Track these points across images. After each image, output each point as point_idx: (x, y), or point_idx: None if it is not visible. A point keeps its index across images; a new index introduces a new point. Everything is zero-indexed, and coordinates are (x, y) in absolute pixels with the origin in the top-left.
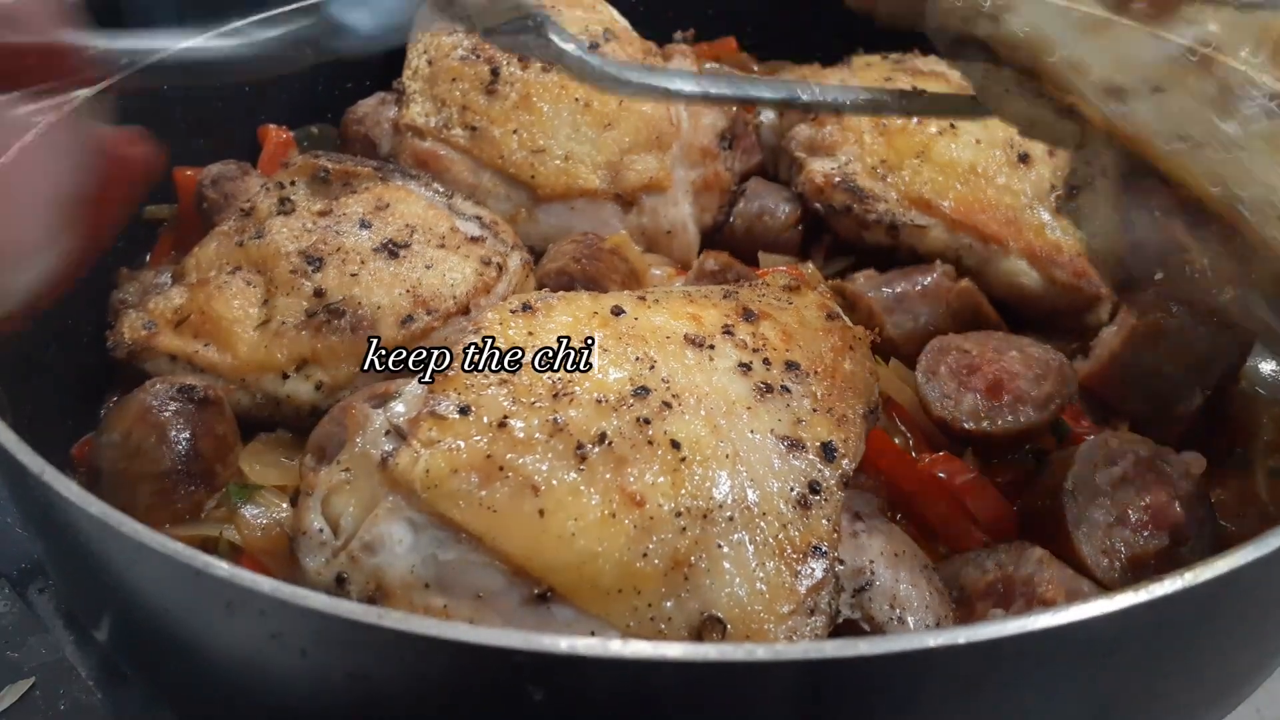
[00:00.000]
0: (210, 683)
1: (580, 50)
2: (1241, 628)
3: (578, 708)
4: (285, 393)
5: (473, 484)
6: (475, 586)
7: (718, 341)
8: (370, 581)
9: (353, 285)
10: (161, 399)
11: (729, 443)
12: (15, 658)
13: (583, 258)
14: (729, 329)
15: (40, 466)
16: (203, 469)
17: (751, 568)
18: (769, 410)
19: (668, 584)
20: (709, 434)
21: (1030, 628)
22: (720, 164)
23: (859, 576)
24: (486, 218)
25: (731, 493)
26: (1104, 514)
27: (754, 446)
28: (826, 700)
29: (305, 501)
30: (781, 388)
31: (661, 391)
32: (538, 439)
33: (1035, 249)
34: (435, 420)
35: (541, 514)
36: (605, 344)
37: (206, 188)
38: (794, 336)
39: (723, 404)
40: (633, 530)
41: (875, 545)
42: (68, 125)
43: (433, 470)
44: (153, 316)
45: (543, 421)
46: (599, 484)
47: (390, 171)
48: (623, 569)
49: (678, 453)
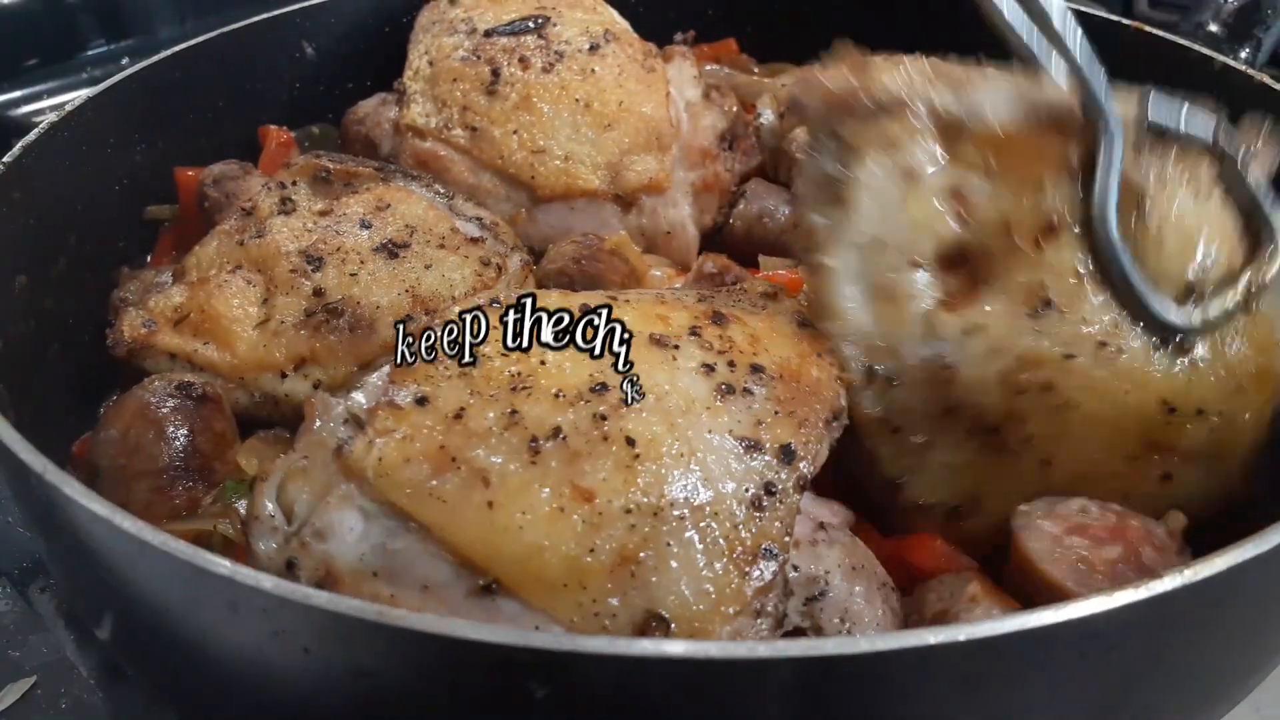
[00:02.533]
0: (212, 681)
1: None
2: (1241, 625)
3: (580, 705)
4: (284, 391)
5: (424, 474)
6: (422, 577)
7: (683, 342)
8: (319, 568)
9: (352, 285)
10: (160, 396)
11: (685, 441)
12: (16, 656)
13: (583, 258)
14: (696, 330)
15: (43, 465)
16: (200, 465)
17: (699, 567)
18: (729, 411)
19: (614, 580)
20: (665, 431)
21: (1030, 625)
22: (720, 165)
23: (812, 585)
24: (487, 219)
25: (684, 491)
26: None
27: (711, 446)
28: (826, 698)
29: (260, 486)
30: (744, 389)
31: (620, 388)
32: (492, 431)
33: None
34: (392, 410)
35: (491, 506)
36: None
37: (208, 187)
38: (761, 340)
39: (682, 403)
40: (581, 525)
41: (833, 556)
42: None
43: (385, 459)
44: (152, 315)
45: (498, 414)
46: (550, 478)
47: (392, 172)
48: (569, 563)
49: (631, 449)
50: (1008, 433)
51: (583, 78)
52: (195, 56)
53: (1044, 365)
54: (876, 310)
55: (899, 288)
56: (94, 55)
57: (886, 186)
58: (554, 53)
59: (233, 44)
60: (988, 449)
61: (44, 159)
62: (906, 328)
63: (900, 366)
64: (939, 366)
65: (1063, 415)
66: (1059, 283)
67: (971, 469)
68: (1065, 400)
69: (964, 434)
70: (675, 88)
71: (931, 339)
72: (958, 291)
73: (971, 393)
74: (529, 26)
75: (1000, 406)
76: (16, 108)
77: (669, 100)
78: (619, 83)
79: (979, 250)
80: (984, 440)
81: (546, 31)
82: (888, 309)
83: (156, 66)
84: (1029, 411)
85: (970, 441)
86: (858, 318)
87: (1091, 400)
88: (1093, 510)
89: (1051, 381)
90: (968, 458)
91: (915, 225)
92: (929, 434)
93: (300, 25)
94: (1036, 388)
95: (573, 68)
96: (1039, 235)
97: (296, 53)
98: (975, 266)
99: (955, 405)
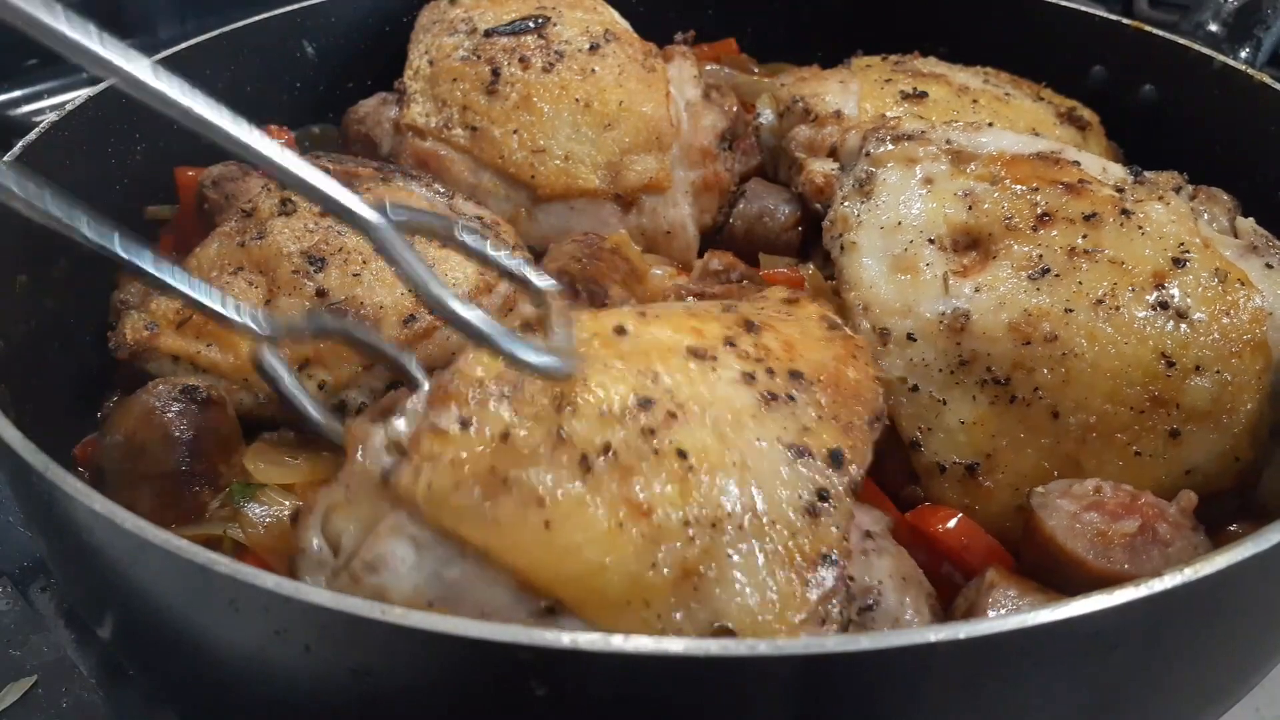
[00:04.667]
0: (213, 680)
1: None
2: (1241, 624)
3: (581, 703)
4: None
5: (476, 497)
6: (481, 602)
7: (720, 353)
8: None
9: (355, 285)
10: (165, 400)
11: (736, 451)
12: (17, 656)
13: (583, 257)
14: (731, 340)
15: (44, 463)
16: (207, 469)
17: (761, 576)
18: (774, 418)
19: (677, 594)
20: (715, 442)
21: (1031, 623)
22: (720, 165)
23: (866, 595)
24: (488, 218)
25: (740, 501)
26: (1070, 502)
27: (761, 454)
28: (828, 695)
29: (305, 519)
30: (786, 396)
31: (665, 402)
32: (541, 451)
33: None
34: (436, 435)
35: (547, 525)
36: (607, 360)
37: (207, 189)
38: (796, 346)
39: (728, 413)
40: (640, 540)
41: (884, 566)
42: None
43: (435, 485)
44: (154, 317)
45: (546, 433)
46: (605, 494)
47: (392, 172)
48: (631, 580)
49: (684, 461)
50: (1017, 383)
51: (583, 77)
52: (195, 56)
53: (1047, 317)
54: (897, 279)
55: (917, 259)
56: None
57: (907, 185)
58: (554, 52)
59: (233, 44)
60: (999, 402)
61: (44, 159)
62: (924, 289)
63: (918, 323)
64: (954, 316)
65: (1067, 364)
66: (1055, 256)
67: (984, 424)
68: (1069, 349)
69: (976, 387)
70: (675, 87)
71: (946, 296)
72: (969, 265)
73: (982, 342)
74: (529, 26)
75: (1009, 355)
76: (16, 108)
77: (669, 100)
78: (619, 82)
79: (984, 233)
80: (995, 393)
81: (547, 31)
82: (907, 276)
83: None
84: (1036, 361)
85: (983, 395)
86: (880, 286)
87: (1093, 350)
88: (1107, 490)
89: (1054, 332)
90: (981, 412)
91: (930, 213)
92: (944, 389)
93: (300, 25)
94: (1041, 339)
95: (573, 67)
96: (1036, 222)
97: (296, 53)
98: (983, 247)
99: (968, 357)
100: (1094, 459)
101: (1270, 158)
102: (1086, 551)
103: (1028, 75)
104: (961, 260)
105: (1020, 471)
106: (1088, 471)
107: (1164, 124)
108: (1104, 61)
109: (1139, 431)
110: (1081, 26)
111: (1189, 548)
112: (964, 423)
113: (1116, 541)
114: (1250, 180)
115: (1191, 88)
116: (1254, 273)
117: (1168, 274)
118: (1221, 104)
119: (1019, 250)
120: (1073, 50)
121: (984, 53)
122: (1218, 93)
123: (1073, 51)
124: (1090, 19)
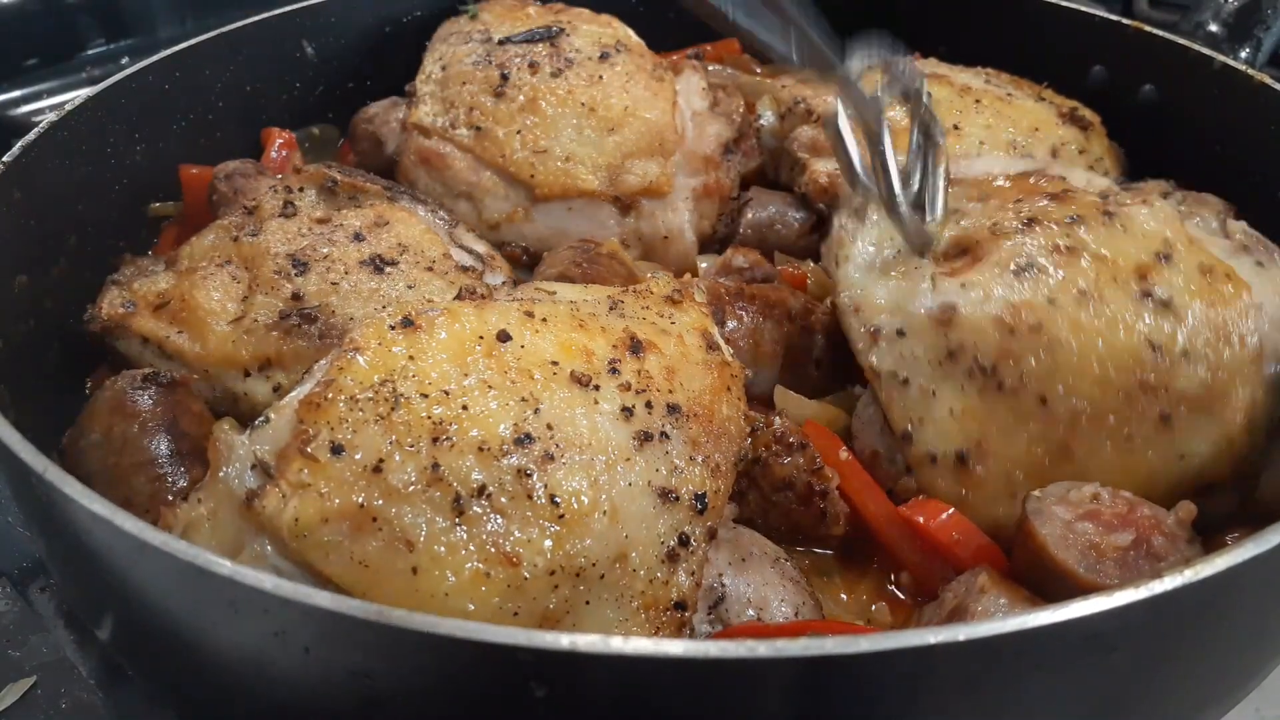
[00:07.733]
0: (212, 681)
1: None
2: (1241, 625)
3: (579, 705)
4: (243, 390)
5: (343, 534)
6: None
7: (603, 381)
8: None
9: (331, 293)
10: (132, 389)
11: (607, 498)
12: (16, 656)
13: (582, 261)
14: (615, 366)
15: (43, 464)
16: (191, 447)
17: (614, 628)
18: (647, 459)
19: None
20: (589, 489)
21: (1031, 625)
22: (722, 172)
23: (710, 594)
24: (484, 252)
25: (605, 550)
26: (1066, 510)
27: (632, 498)
28: (826, 697)
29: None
30: (661, 434)
31: (545, 439)
32: (414, 489)
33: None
34: (305, 460)
35: (415, 572)
36: (490, 380)
37: (220, 181)
38: (677, 373)
39: (603, 455)
40: (506, 590)
41: (721, 559)
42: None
43: (302, 518)
44: (134, 296)
45: (420, 469)
46: (475, 541)
47: (399, 193)
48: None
49: (556, 509)
50: (1004, 372)
51: (590, 83)
52: (195, 56)
53: (1031, 308)
54: (887, 282)
55: (908, 263)
56: (94, 55)
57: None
58: (564, 59)
59: (233, 44)
60: (987, 391)
61: (44, 159)
62: (913, 289)
63: (907, 319)
64: (941, 310)
65: (1053, 352)
66: (1040, 254)
67: (974, 413)
68: (1053, 338)
69: (965, 377)
70: (683, 98)
71: (934, 293)
72: (958, 268)
73: (969, 334)
74: (543, 36)
75: (996, 345)
76: (16, 108)
77: (676, 109)
78: (625, 88)
79: (973, 241)
80: (983, 383)
81: (559, 41)
82: (896, 280)
83: (156, 66)
84: (1022, 350)
85: (971, 385)
86: (871, 288)
87: (1078, 339)
88: (1105, 497)
89: (1039, 322)
90: (970, 402)
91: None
92: (933, 380)
93: (300, 25)
94: (1026, 329)
95: (581, 73)
96: (1023, 226)
97: (296, 53)
98: (972, 254)
99: (955, 349)
100: (1085, 444)
101: (1270, 157)
102: (1077, 564)
103: (1028, 75)
104: (952, 265)
105: (1011, 458)
106: (1079, 457)
107: (1164, 124)
108: (1104, 61)
109: (1129, 416)
110: (1081, 26)
111: (1182, 562)
112: (954, 412)
113: (1109, 555)
114: (1250, 179)
115: (1191, 88)
116: (1244, 270)
117: (1152, 267)
118: (1221, 104)
119: (1005, 249)
120: (1073, 50)
121: (984, 53)
122: (1218, 93)
123: (1073, 51)
124: (1090, 19)
